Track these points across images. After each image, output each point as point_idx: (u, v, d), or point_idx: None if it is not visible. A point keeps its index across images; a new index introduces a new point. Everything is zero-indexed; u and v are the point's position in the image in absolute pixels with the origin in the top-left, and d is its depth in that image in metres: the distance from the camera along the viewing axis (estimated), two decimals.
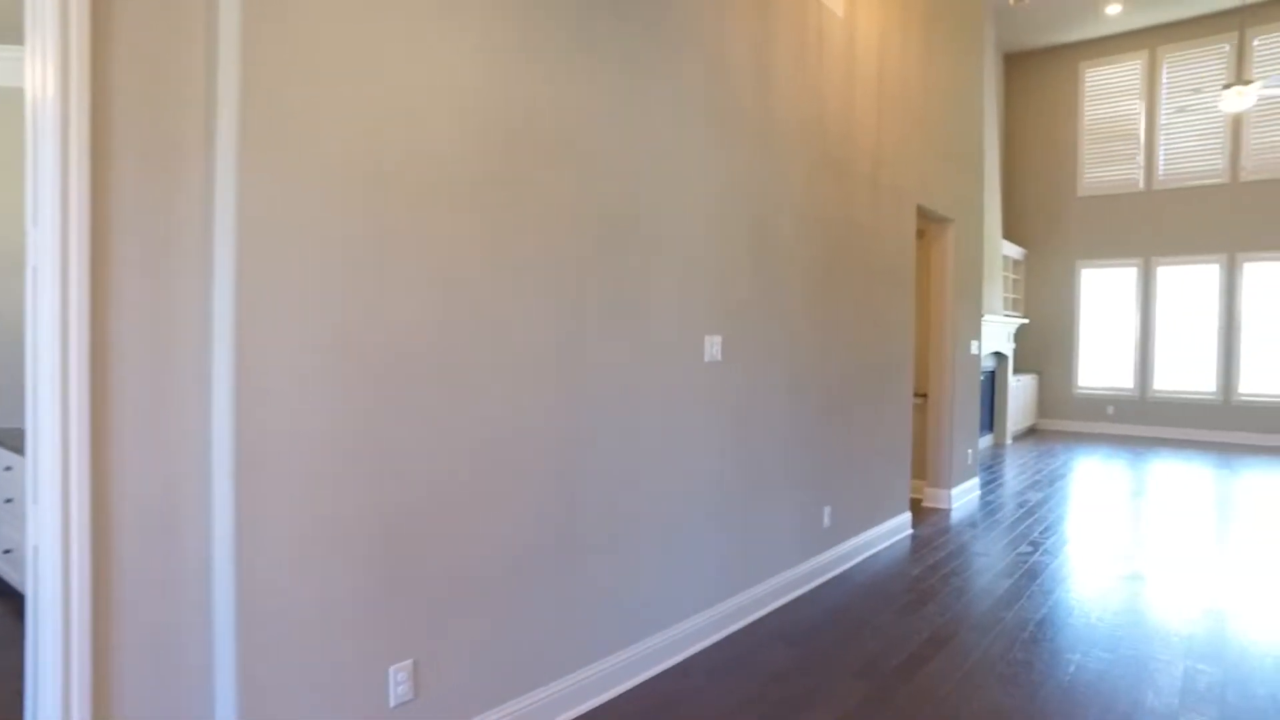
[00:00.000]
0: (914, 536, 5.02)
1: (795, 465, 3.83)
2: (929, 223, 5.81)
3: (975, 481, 6.34)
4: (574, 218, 2.57)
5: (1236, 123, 9.69)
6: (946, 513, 5.68)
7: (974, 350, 6.17)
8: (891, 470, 4.89)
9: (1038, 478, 7.17)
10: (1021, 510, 5.78)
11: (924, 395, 5.93)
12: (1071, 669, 3.05)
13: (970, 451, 6.18)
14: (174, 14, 1.75)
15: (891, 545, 4.80)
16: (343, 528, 1.95)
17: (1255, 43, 9.41)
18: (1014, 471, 7.53)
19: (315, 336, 1.89)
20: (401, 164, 2.06)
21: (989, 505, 5.97)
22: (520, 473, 2.40)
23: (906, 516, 5.09)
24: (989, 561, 4.46)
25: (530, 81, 2.40)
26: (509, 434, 2.36)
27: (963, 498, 6.02)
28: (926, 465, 5.90)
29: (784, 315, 3.68)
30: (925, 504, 5.88)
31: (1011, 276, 10.55)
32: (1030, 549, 4.74)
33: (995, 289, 9.21)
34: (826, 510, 4.11)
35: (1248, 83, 7.76)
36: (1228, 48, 9.73)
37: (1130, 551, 4.69)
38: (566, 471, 2.56)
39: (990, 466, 7.76)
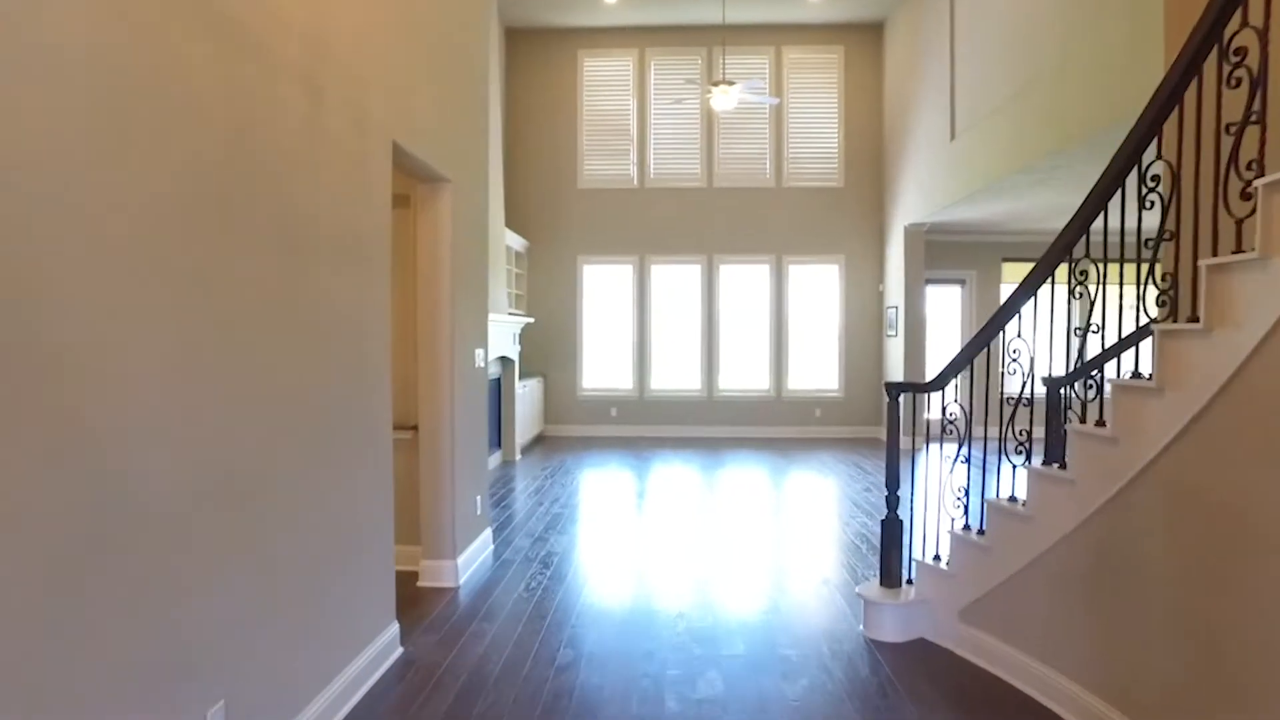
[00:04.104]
0: (407, 662, 3.20)
1: (123, 647, 1.66)
2: (414, 182, 4.04)
3: (488, 534, 4.80)
4: None
5: (710, 132, 10.08)
6: (453, 596, 4.00)
7: (479, 362, 4.61)
8: (363, 565, 2.98)
9: (557, 509, 6.00)
10: (547, 574, 4.40)
11: (415, 427, 4.18)
12: None
13: (479, 498, 4.61)
14: None
15: (369, 699, 2.89)
16: None
17: (726, 60, 9.80)
18: (529, 502, 6.28)
19: None
20: None
21: (507, 569, 4.47)
22: None
23: (393, 631, 3.25)
24: (528, 696, 2.86)
25: None
26: None
27: (473, 563, 4.42)
28: (421, 527, 4.15)
29: (60, 317, 1.49)
30: (423, 583, 4.12)
31: (515, 270, 9.52)
32: (571, 655, 3.29)
33: (499, 284, 7.97)
34: (216, 712, 2.02)
35: (731, 83, 7.76)
36: (699, 61, 10.07)
37: (693, 621, 3.57)
38: None
39: (502, 498, 6.40)
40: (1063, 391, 3.76)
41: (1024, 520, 2.85)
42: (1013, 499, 2.99)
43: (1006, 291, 10.22)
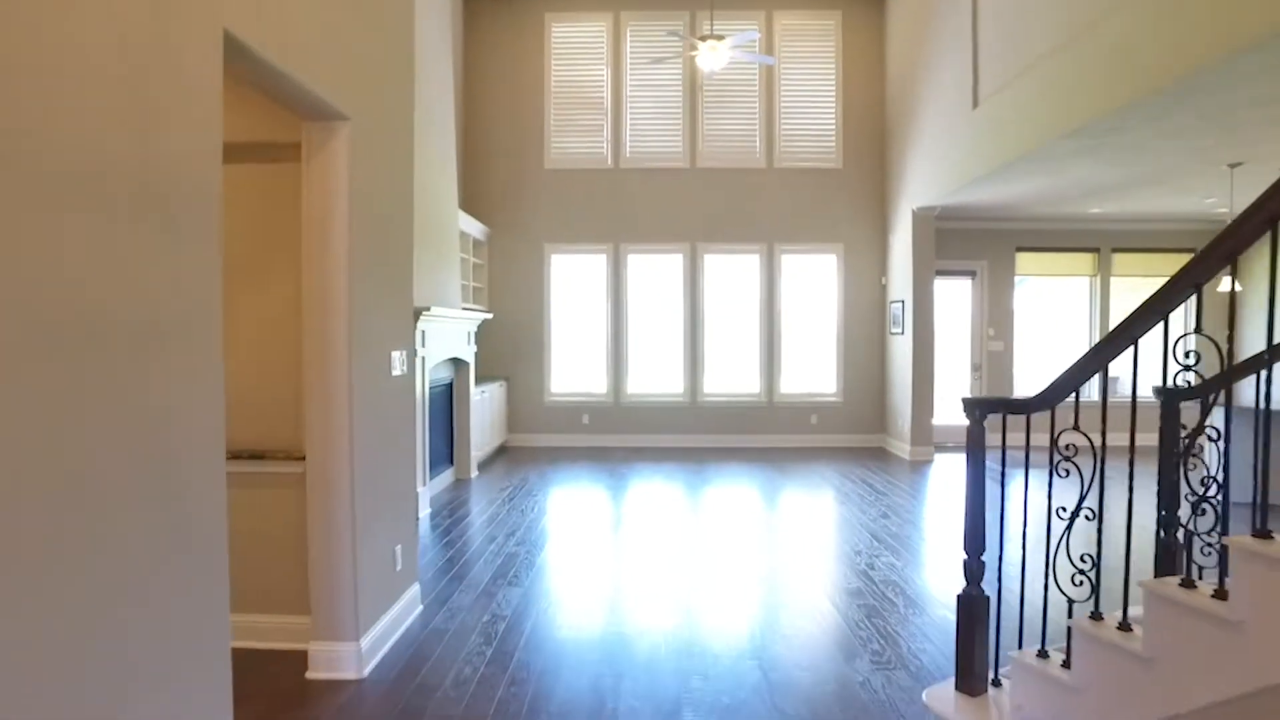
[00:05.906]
0: None
1: None
2: (301, 122, 2.90)
3: (414, 592, 3.67)
4: None
5: (693, 107, 8.99)
6: (352, 695, 2.87)
7: (398, 369, 3.47)
8: (167, 703, 1.85)
9: (512, 545, 4.88)
10: (489, 652, 3.28)
11: (305, 458, 3.05)
12: None
13: (400, 549, 3.48)
14: None
15: None
16: None
17: (713, 26, 8.70)
18: (481, 535, 5.15)
19: None
20: None
21: (437, 643, 3.34)
22: None
23: None
24: None
25: None
26: None
27: (389, 640, 3.29)
28: (311, 597, 3.01)
29: None
30: (313, 674, 2.99)
31: (473, 260, 8.37)
32: None
33: (451, 274, 6.83)
34: None
35: (720, 38, 6.68)
36: (681, 26, 8.99)
37: None
38: None
39: (448, 531, 5.26)
40: (1182, 407, 2.72)
41: (1228, 627, 1.79)
42: (1188, 583, 1.93)
43: (1021, 284, 9.30)
